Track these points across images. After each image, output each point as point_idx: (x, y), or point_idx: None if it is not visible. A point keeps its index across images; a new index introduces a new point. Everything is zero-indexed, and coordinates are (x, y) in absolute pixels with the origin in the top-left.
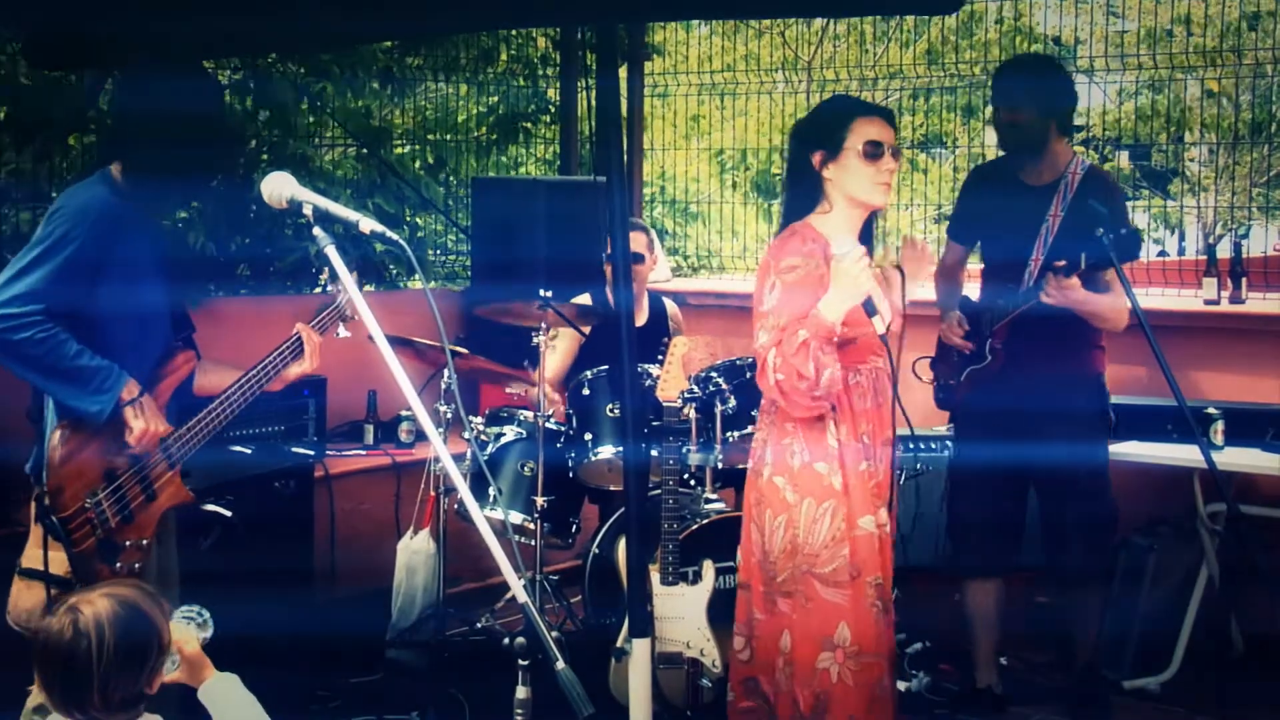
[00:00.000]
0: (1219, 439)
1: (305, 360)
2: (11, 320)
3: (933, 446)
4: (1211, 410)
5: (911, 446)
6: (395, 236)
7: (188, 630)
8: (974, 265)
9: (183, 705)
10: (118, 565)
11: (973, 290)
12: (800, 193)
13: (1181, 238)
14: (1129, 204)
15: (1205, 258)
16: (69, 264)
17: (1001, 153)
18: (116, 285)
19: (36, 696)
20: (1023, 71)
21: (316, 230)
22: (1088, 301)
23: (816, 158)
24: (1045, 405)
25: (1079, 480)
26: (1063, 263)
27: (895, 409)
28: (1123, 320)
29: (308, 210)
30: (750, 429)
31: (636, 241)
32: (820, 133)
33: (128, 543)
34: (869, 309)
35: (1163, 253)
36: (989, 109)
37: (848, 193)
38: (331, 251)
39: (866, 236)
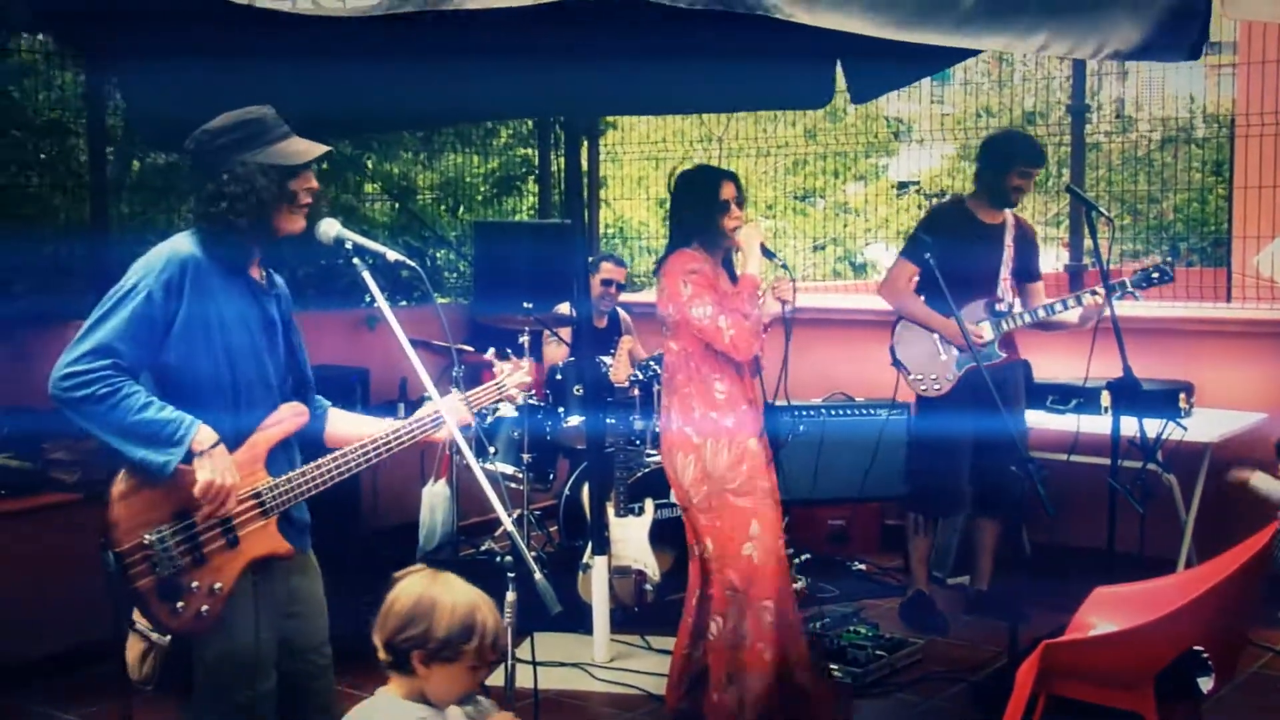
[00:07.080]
0: None
1: (443, 431)
2: (76, 378)
3: (810, 414)
4: None
5: (798, 414)
6: (413, 263)
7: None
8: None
9: None
10: (179, 606)
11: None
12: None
13: None
14: None
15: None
16: (140, 314)
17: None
18: (199, 338)
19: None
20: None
21: (355, 260)
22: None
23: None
24: (1021, 382)
25: (1023, 435)
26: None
27: (762, 381)
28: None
29: (349, 245)
30: None
31: (619, 274)
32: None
33: (195, 585)
34: (766, 254)
35: None
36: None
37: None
38: (366, 275)
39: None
